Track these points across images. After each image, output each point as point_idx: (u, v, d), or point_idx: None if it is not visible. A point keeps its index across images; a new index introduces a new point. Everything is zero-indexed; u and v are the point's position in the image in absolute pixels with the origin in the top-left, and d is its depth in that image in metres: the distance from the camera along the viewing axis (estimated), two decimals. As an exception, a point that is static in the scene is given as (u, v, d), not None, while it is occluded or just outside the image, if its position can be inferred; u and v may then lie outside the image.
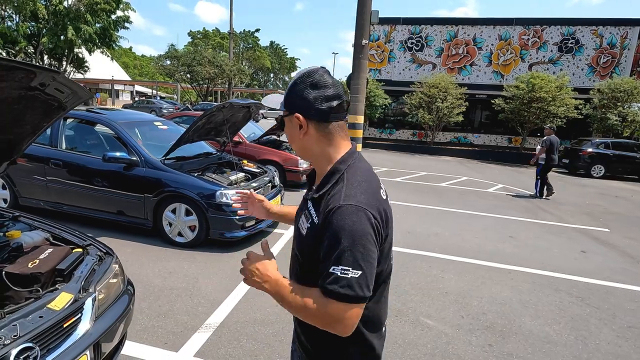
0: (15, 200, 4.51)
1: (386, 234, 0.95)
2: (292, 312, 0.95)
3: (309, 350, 1.03)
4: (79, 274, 1.81)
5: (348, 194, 0.89)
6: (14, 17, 30.08)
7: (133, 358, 2.29)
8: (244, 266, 0.99)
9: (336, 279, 0.83)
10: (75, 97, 1.83)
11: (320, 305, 0.86)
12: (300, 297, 0.90)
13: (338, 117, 0.98)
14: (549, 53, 16.75)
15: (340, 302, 0.84)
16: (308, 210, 0.97)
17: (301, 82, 0.96)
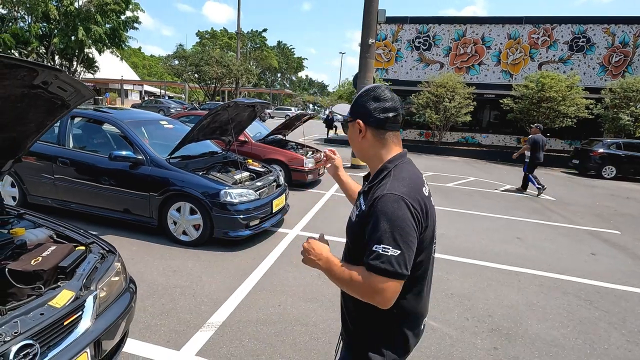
0: (23, 198, 4.58)
1: (426, 225, 1.08)
2: (339, 285, 1.11)
3: (351, 331, 1.20)
4: (80, 272, 1.82)
5: (392, 186, 1.05)
6: (27, 18, 30.58)
7: (135, 356, 2.30)
8: (303, 247, 1.17)
9: (378, 256, 0.98)
10: (78, 95, 1.84)
11: (363, 278, 1.01)
12: (347, 271, 1.06)
13: (393, 127, 1.16)
14: (559, 52, 16.48)
15: (380, 276, 0.98)
16: (359, 201, 1.15)
17: (365, 94, 1.16)
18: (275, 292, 3.23)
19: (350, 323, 1.21)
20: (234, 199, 3.96)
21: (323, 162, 1.67)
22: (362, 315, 1.15)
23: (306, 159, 7.21)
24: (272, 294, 3.19)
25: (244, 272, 3.57)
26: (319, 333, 2.68)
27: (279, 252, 4.14)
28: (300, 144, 8.42)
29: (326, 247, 1.15)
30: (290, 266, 3.79)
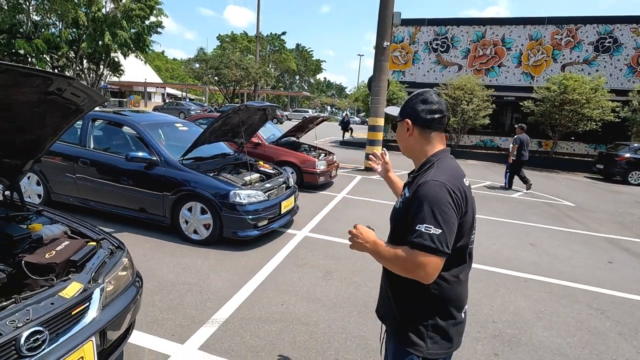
0: (47, 196, 4.84)
1: (466, 210, 1.19)
2: (384, 263, 1.23)
3: (395, 317, 1.30)
4: (90, 266, 1.94)
5: (434, 174, 1.17)
6: (58, 24, 32.05)
7: (141, 347, 2.41)
8: (351, 233, 1.27)
9: (421, 234, 1.09)
10: (91, 100, 1.97)
11: (407, 254, 1.12)
12: (392, 250, 1.17)
13: (439, 128, 1.28)
14: (583, 53, 15.94)
15: (423, 252, 1.09)
16: (403, 191, 1.30)
17: (415, 97, 1.30)
18: (279, 292, 3.30)
19: (395, 307, 1.30)
20: (242, 199, 4.07)
21: (374, 161, 1.78)
22: (406, 298, 1.26)
23: (318, 161, 7.28)
24: (276, 293, 3.27)
25: (251, 271, 3.66)
26: (318, 333, 2.73)
27: (286, 252, 4.22)
28: (314, 146, 8.50)
29: (372, 232, 1.26)
30: (296, 267, 3.86)
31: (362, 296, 3.33)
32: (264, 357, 2.42)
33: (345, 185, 8.40)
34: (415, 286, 1.19)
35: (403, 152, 1.37)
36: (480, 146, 17.86)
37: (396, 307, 1.30)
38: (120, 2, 32.60)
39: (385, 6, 9.72)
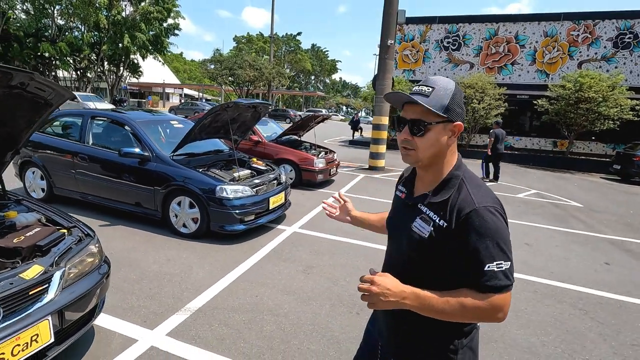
0: (50, 190, 5.07)
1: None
2: (443, 317, 0.99)
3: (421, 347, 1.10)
4: (55, 251, 2.06)
5: (478, 197, 0.99)
6: (81, 27, 33.29)
7: (112, 332, 2.52)
8: (371, 292, 0.97)
9: (494, 274, 0.93)
10: (58, 95, 2.09)
11: (480, 301, 0.95)
12: (453, 300, 0.96)
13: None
14: (602, 49, 15.37)
15: (500, 294, 0.94)
16: (425, 214, 1.04)
17: (459, 93, 1.04)
18: (256, 284, 3.37)
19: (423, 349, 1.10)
20: (229, 194, 4.16)
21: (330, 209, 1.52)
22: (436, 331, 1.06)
23: (317, 159, 7.32)
24: (252, 285, 3.34)
25: (233, 264, 3.74)
26: (286, 324, 2.78)
27: (272, 247, 4.29)
28: (315, 144, 8.55)
29: (397, 281, 1.00)
30: (278, 260, 3.92)
31: (338, 290, 3.36)
32: (228, 344, 2.49)
33: (345, 183, 8.41)
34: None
35: (421, 160, 1.06)
36: (492, 146, 17.47)
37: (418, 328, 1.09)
38: (139, 6, 33.59)
39: (389, 4, 9.67)
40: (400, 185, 1.24)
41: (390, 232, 1.22)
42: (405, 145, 1.05)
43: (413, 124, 1.02)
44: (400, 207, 1.18)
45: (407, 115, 1.04)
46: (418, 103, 0.99)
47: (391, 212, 1.26)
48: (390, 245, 1.22)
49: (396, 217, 1.20)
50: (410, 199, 1.13)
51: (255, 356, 2.39)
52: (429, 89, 1.02)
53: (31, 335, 1.72)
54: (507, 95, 15.40)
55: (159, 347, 2.40)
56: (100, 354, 2.30)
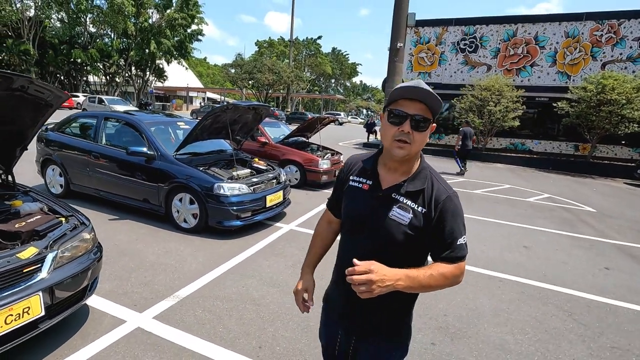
0: (67, 186, 5.46)
1: None
2: (430, 289, 1.12)
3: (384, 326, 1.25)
4: (51, 235, 2.31)
5: (447, 187, 1.18)
6: (110, 35, 34.97)
7: (104, 313, 2.76)
8: (372, 280, 1.01)
9: (462, 246, 1.14)
10: (56, 96, 2.34)
11: (455, 269, 1.14)
12: (437, 273, 1.11)
13: None
14: (627, 50, 14.75)
15: (464, 261, 1.16)
16: (403, 203, 1.15)
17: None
18: (245, 276, 3.55)
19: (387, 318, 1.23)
20: (226, 192, 4.37)
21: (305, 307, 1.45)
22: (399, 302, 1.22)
23: (322, 160, 7.47)
24: (241, 277, 3.52)
25: (226, 257, 3.94)
26: (266, 312, 2.94)
27: (266, 242, 4.47)
28: (322, 146, 8.71)
29: (385, 266, 1.06)
30: (270, 255, 4.09)
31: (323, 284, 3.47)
32: (207, 329, 2.67)
33: (351, 184, 8.50)
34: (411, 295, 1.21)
35: (411, 154, 1.14)
36: (510, 149, 17.06)
37: (395, 310, 1.24)
38: (164, 13, 34.93)
39: (399, 7, 9.73)
40: (355, 176, 1.26)
41: (356, 225, 1.22)
42: (404, 138, 1.10)
43: (417, 120, 1.09)
44: (366, 199, 1.20)
45: (409, 110, 1.09)
46: (427, 102, 1.08)
47: (351, 206, 1.26)
48: (355, 239, 1.23)
49: (362, 209, 1.20)
50: (381, 190, 1.18)
51: (230, 340, 2.56)
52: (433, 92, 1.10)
53: (23, 308, 1.96)
54: (526, 97, 15.03)
55: (144, 328, 2.61)
56: (91, 331, 2.54)
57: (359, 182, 1.25)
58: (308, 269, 1.46)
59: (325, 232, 1.48)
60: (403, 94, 1.11)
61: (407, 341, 1.30)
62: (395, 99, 1.13)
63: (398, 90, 1.11)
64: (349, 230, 1.26)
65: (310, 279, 1.44)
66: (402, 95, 1.11)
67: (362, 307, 1.21)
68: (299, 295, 1.42)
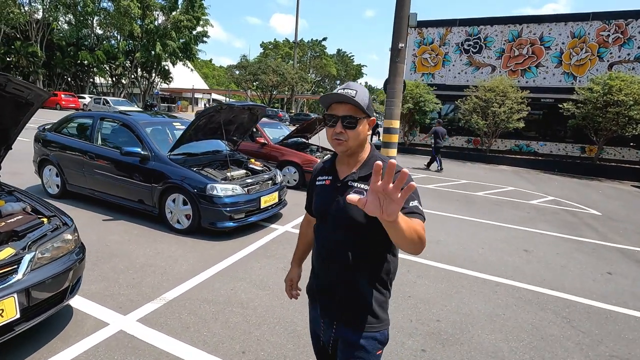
0: (64, 186, 5.45)
1: None
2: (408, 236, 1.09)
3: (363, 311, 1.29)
4: (30, 236, 2.27)
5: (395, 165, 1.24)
6: (117, 36, 35.29)
7: (88, 315, 2.72)
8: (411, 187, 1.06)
9: (417, 206, 1.19)
10: (36, 95, 2.31)
11: (420, 225, 1.15)
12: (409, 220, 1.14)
13: None
14: (635, 50, 14.48)
15: (423, 221, 1.18)
16: (356, 187, 1.25)
17: (369, 93, 1.31)
18: (234, 278, 3.49)
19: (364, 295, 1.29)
20: (219, 192, 4.33)
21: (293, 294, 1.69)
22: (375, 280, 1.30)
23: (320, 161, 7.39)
24: (230, 279, 3.46)
25: (218, 258, 3.89)
26: (253, 316, 2.87)
27: (260, 244, 4.41)
28: (322, 147, 8.64)
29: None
30: (262, 257, 4.03)
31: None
32: (191, 332, 2.62)
33: (351, 186, 8.42)
34: (382, 265, 1.29)
35: (350, 148, 1.26)
36: (515, 151, 16.84)
37: (365, 295, 1.29)
38: (170, 15, 35.19)
39: (400, 7, 9.63)
40: (320, 176, 1.42)
41: (323, 215, 1.35)
42: (339, 137, 1.24)
43: (345, 119, 1.23)
44: (329, 191, 1.34)
45: (338, 113, 1.24)
46: (351, 102, 1.21)
47: (318, 201, 1.40)
48: (323, 228, 1.36)
49: (326, 200, 1.34)
50: (339, 181, 1.32)
51: (214, 344, 2.50)
52: (354, 92, 1.23)
53: (-4, 310, 1.91)
54: (531, 98, 14.84)
55: (126, 331, 2.56)
56: (72, 334, 2.49)
57: (322, 180, 1.40)
58: (295, 262, 1.70)
59: (306, 231, 1.67)
60: (332, 100, 1.25)
61: (384, 328, 1.33)
62: (329, 104, 1.27)
63: (327, 97, 1.26)
64: (318, 222, 1.40)
65: (296, 270, 1.69)
66: (332, 100, 1.26)
67: (340, 296, 1.31)
68: (287, 284, 1.69)
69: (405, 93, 14.19)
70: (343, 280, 1.30)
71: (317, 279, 1.41)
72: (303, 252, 1.69)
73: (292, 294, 1.68)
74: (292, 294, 1.68)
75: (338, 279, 1.31)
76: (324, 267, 1.35)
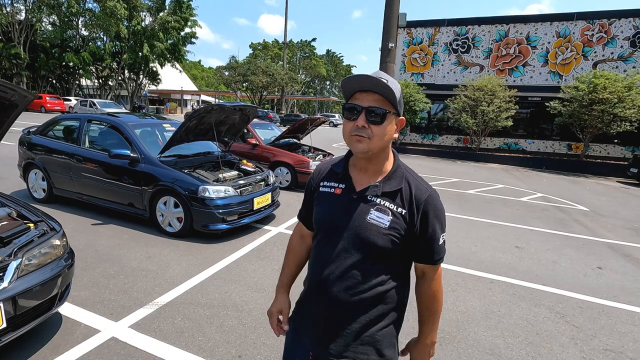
0: (50, 191, 5.31)
1: None
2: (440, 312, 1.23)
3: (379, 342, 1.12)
4: (16, 242, 2.19)
5: (425, 184, 1.11)
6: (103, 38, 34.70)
7: (78, 322, 2.64)
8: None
9: (443, 247, 1.12)
10: (20, 96, 2.23)
11: (438, 275, 1.17)
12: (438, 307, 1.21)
13: None
14: (618, 49, 14.83)
15: (442, 261, 1.15)
16: (380, 205, 1.07)
17: (402, 91, 1.11)
18: (228, 281, 3.44)
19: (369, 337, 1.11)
20: (211, 194, 4.26)
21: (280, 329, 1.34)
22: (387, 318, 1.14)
23: (312, 161, 7.38)
24: (224, 282, 3.41)
25: (211, 261, 3.83)
26: (248, 319, 2.83)
27: (253, 246, 4.36)
28: (314, 147, 8.62)
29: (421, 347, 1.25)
30: (256, 259, 3.98)
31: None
32: (185, 337, 2.56)
33: (344, 186, 8.41)
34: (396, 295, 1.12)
35: (372, 150, 1.04)
36: (504, 149, 17.08)
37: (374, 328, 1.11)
38: (157, 16, 34.76)
39: (390, 7, 9.69)
40: (326, 182, 1.17)
41: (329, 231, 1.12)
42: (361, 133, 1.02)
43: (371, 112, 1.01)
44: (340, 203, 1.11)
45: (362, 103, 1.01)
46: (381, 91, 1.00)
47: (323, 212, 1.15)
48: (327, 245, 1.12)
49: (335, 213, 1.11)
50: (355, 192, 1.10)
51: (209, 349, 2.45)
52: (385, 80, 1.00)
53: (-19, 320, 1.84)
54: (518, 97, 15.06)
55: (118, 338, 2.49)
56: (62, 342, 2.42)
57: (330, 187, 1.15)
58: (282, 289, 1.37)
59: (298, 248, 1.37)
60: (357, 86, 1.03)
61: None
62: (352, 92, 1.05)
63: (351, 81, 1.03)
64: (323, 238, 1.14)
65: (285, 299, 1.35)
66: (357, 86, 1.03)
67: (340, 331, 1.10)
68: (273, 317, 1.33)
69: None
70: (345, 310, 1.08)
71: (310, 306, 1.18)
72: (293, 275, 1.38)
73: (279, 328, 1.31)
74: (279, 328, 1.31)
75: (339, 307, 1.09)
76: (322, 292, 1.11)
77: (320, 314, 1.13)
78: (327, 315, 1.11)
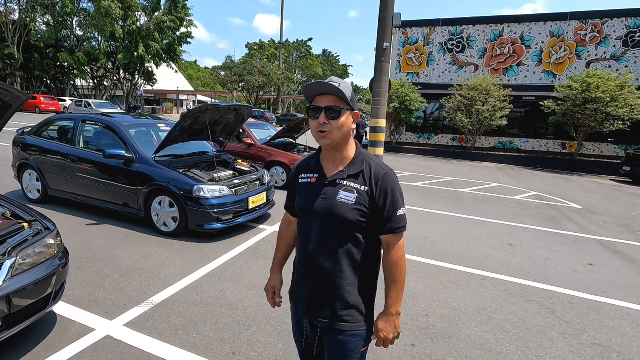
0: (45, 191, 5.31)
1: None
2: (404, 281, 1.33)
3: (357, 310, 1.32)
4: (10, 242, 2.20)
5: (384, 166, 1.30)
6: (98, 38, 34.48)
7: (73, 321, 2.65)
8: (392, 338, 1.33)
9: (402, 218, 1.28)
10: (14, 97, 2.24)
11: (400, 243, 1.31)
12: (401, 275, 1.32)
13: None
14: (611, 49, 14.98)
15: (404, 231, 1.30)
16: (347, 186, 1.27)
17: (352, 88, 1.32)
18: (223, 280, 3.46)
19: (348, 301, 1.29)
20: (206, 194, 4.28)
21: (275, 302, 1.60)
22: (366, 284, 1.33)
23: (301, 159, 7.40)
24: (219, 281, 3.43)
25: (206, 260, 3.85)
26: (243, 317, 2.86)
27: (248, 245, 4.38)
28: (309, 146, 8.65)
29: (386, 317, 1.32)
30: (251, 258, 4.01)
31: (303, 287, 3.41)
32: (180, 335, 2.58)
33: (339, 185, 8.44)
34: (370, 264, 1.32)
35: (335, 140, 1.25)
36: (499, 148, 17.20)
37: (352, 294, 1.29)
38: (153, 16, 34.61)
39: (385, 7, 9.72)
40: (304, 174, 1.40)
41: (309, 215, 1.33)
42: (323, 129, 1.23)
43: (328, 110, 1.23)
44: (315, 189, 1.32)
45: (321, 104, 1.24)
46: (334, 92, 1.22)
47: (302, 199, 1.36)
48: (308, 228, 1.33)
49: (312, 199, 1.32)
50: (326, 179, 1.31)
51: (203, 346, 2.48)
52: (337, 84, 1.23)
53: (-25, 318, 1.86)
54: (513, 96, 15.17)
55: (113, 336, 2.51)
56: (57, 341, 2.43)
57: (307, 178, 1.37)
58: (276, 268, 1.61)
59: (286, 234, 1.60)
60: (315, 91, 1.26)
61: (369, 326, 1.35)
62: (312, 97, 1.27)
63: (310, 88, 1.26)
64: (305, 221, 1.35)
65: (277, 277, 1.59)
66: (315, 92, 1.26)
67: (325, 296, 1.32)
68: (269, 292, 1.59)
69: (391, 92, 14.35)
70: (329, 280, 1.29)
71: (301, 281, 1.39)
72: (284, 256, 1.60)
73: (275, 302, 1.58)
74: (275, 302, 1.58)
75: (324, 279, 1.29)
76: (309, 268, 1.33)
77: (309, 286, 1.35)
78: (314, 286, 1.33)
